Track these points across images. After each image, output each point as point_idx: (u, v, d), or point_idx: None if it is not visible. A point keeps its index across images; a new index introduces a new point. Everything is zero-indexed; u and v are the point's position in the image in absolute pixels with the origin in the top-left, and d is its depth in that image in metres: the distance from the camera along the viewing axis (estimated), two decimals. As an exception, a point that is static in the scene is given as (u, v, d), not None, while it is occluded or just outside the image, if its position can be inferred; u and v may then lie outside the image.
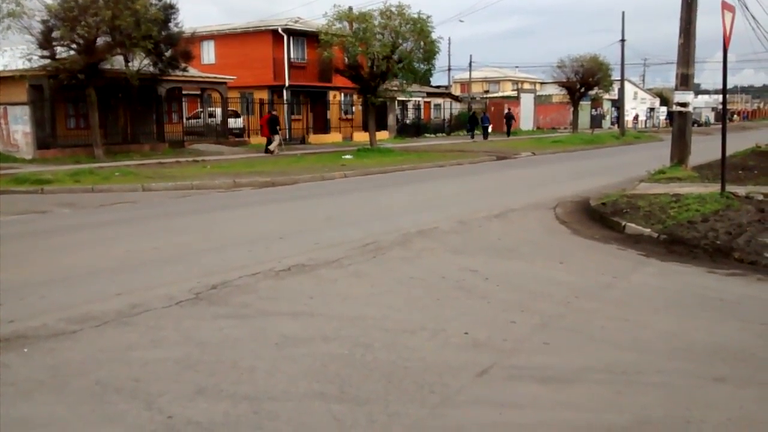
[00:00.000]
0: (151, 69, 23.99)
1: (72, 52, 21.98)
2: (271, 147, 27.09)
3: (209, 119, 32.78)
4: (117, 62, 23.24)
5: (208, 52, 36.24)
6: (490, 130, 41.83)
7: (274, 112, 29.71)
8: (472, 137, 41.23)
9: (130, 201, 13.30)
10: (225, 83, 31.44)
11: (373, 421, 3.63)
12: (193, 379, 4.19)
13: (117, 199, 13.57)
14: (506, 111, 47.49)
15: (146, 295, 6.03)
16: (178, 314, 5.53)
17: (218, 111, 32.58)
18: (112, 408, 3.78)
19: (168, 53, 24.05)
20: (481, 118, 41.96)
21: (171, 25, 23.94)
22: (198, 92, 32.46)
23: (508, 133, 44.73)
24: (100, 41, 22.10)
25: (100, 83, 22.84)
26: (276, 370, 4.33)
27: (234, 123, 33.78)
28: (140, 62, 23.50)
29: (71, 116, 25.89)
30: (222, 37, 35.99)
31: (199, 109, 33.71)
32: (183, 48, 24.79)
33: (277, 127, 27.89)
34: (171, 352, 4.64)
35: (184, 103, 31.84)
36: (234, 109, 34.49)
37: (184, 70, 25.92)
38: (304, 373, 4.28)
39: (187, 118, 32.81)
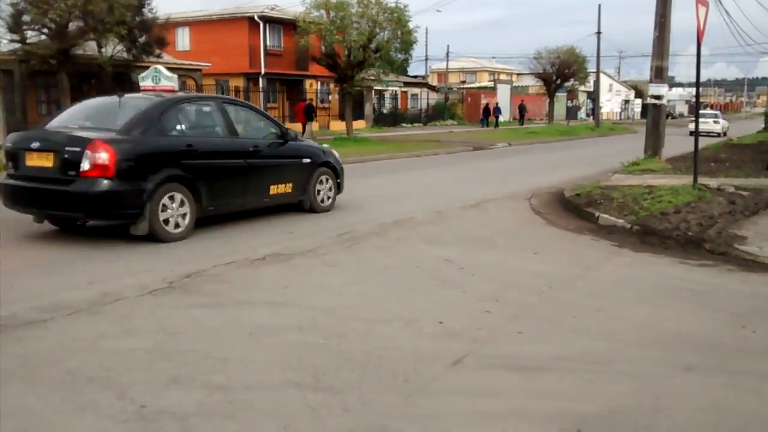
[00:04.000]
0: (125, 55, 23.63)
1: (43, 37, 21.59)
2: (308, 134, 27.41)
3: (184, 106, 32.40)
4: (90, 48, 22.86)
5: (183, 39, 35.86)
6: (501, 119, 46.27)
7: (309, 100, 30.55)
8: (485, 126, 45.41)
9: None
10: (200, 70, 31.11)
11: (347, 410, 3.63)
12: (166, 368, 4.15)
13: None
14: (520, 102, 51.29)
15: (118, 283, 5.97)
16: (150, 303, 5.48)
17: (193, 98, 32.25)
18: (84, 397, 3.74)
19: (142, 39, 23.72)
20: (494, 109, 46.13)
21: (145, 10, 23.62)
22: (173, 79, 32.07)
23: (522, 122, 48.48)
24: (72, 26, 21.72)
25: (72, 69, 22.46)
26: (250, 359, 4.31)
27: (208, 111, 33.45)
28: (113, 48, 23.14)
29: (42, 102, 25.47)
30: (197, 24, 35.62)
31: (174, 97, 33.32)
32: (157, 34, 24.48)
33: (313, 114, 28.92)
34: (144, 342, 4.60)
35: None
36: (209, 96, 34.18)
37: (159, 56, 25.56)
38: (279, 362, 4.26)
39: (162, 105, 32.38)
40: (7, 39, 21.39)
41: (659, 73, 17.22)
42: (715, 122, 40.77)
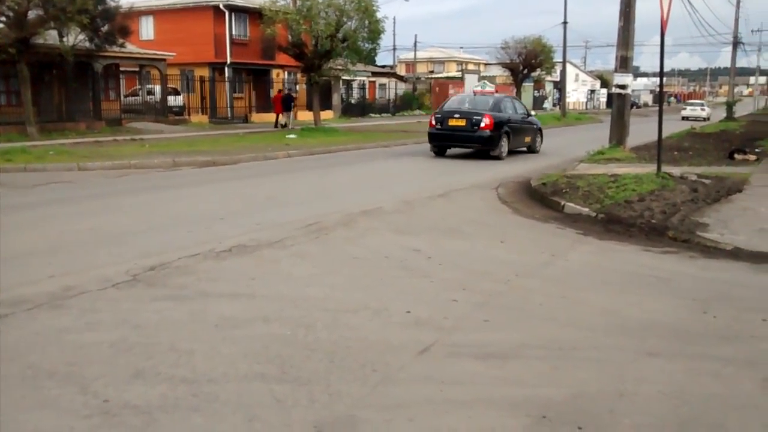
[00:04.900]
0: (87, 44, 23.13)
1: (1, 26, 21.04)
2: (283, 122, 29.36)
3: (148, 97, 31.93)
4: (50, 37, 22.33)
5: (147, 28, 35.26)
6: None
7: (288, 91, 31.73)
8: None
9: (65, 181, 12.88)
10: (164, 60, 30.65)
11: (314, 401, 3.62)
12: (130, 362, 4.10)
13: (51, 178, 13.13)
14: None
15: (81, 277, 5.86)
16: (114, 296, 5.39)
17: (157, 88, 31.76)
18: (45, 393, 3.67)
19: (104, 28, 23.22)
20: None
21: (107, -1, 23.15)
22: (136, 69, 31.60)
23: None
24: (31, 14, 21.15)
25: (33, 59, 21.90)
26: (215, 352, 4.27)
27: (174, 101, 32.97)
28: (75, 37, 22.63)
29: (2, 93, 24.88)
30: (161, 13, 35.02)
31: (138, 87, 32.80)
32: (120, 23, 24.00)
33: (291, 104, 30.11)
34: (107, 335, 4.53)
35: (121, 80, 30.95)
36: (174, 86, 33.70)
37: (122, 46, 25.09)
38: (245, 354, 4.23)
39: (125, 96, 31.89)
40: (-37, 28, 20.81)
41: (624, 63, 17.43)
42: (702, 109, 51.48)
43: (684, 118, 49.26)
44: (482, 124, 17.51)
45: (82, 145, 19.84)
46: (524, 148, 19.90)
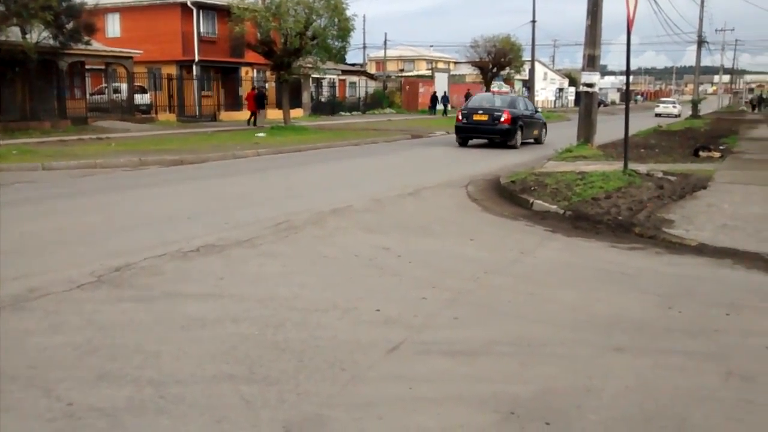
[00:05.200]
0: (51, 42, 22.77)
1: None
2: (261, 122, 28.95)
3: (114, 95, 31.50)
4: (13, 34, 21.92)
5: (113, 25, 34.75)
6: (449, 108, 47.30)
7: (261, 88, 31.89)
8: (434, 114, 47.05)
9: (29, 180, 12.65)
10: (131, 58, 30.26)
11: (283, 401, 3.60)
12: (95, 364, 4.03)
13: (15, 178, 12.88)
14: (467, 92, 52.46)
15: (45, 278, 5.75)
16: (79, 298, 5.30)
17: (124, 87, 31.34)
18: (7, 397, 3.59)
19: (69, 25, 22.89)
20: (442, 98, 48.56)
21: (73, -4, 22.79)
22: (102, 67, 31.14)
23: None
24: (-8, 11, 20.80)
25: (-5, 56, 21.52)
26: (182, 353, 4.22)
27: (141, 99, 32.57)
28: (39, 34, 22.24)
29: (-36, 90, 24.36)
30: (128, 10, 34.54)
31: (104, 85, 32.33)
32: (86, 20, 23.66)
33: (264, 102, 30.12)
34: (71, 337, 4.45)
35: (87, 78, 30.48)
36: (141, 84, 33.27)
37: (87, 43, 24.71)
38: (212, 355, 4.19)
39: (91, 94, 31.41)
40: None
41: (591, 62, 17.62)
42: (673, 107, 56.24)
43: (657, 115, 52.65)
44: (502, 119, 21.19)
45: (46, 145, 19.50)
46: (532, 140, 23.14)
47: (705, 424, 3.48)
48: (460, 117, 22.22)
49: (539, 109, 27.84)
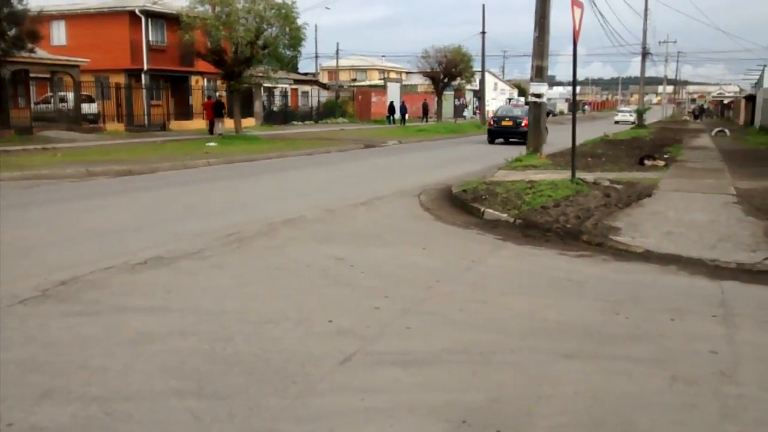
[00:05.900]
0: (-7, 49, 22.15)
1: None
2: (218, 130, 28.60)
3: (61, 104, 30.73)
4: (-48, 41, 21.29)
5: (59, 33, 33.94)
6: (407, 117, 48.09)
7: (219, 97, 31.62)
8: (392, 123, 46.87)
9: (-31, 192, 12.24)
10: (78, 66, 29.59)
11: (233, 416, 3.55)
12: (38, 381, 3.91)
13: (-46, 190, 12.45)
14: (423, 101, 54.30)
15: (-15, 294, 5.57)
16: (22, 313, 5.14)
17: (70, 96, 30.58)
18: (-57, 419, 3.46)
19: (12, 32, 22.27)
20: (399, 108, 48.48)
21: (14, 2, 22.18)
22: (48, 75, 30.34)
23: (426, 119, 50.95)
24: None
25: (-67, 64, 20.82)
26: (130, 368, 4.13)
27: (88, 108, 31.83)
28: (-21, 42, 21.63)
29: None
30: (74, 18, 33.80)
31: (49, 94, 31.53)
32: (29, 27, 23.05)
33: (223, 111, 29.59)
34: (13, 354, 4.31)
35: (32, 86, 29.72)
36: (88, 93, 32.54)
37: (32, 51, 24.07)
38: (161, 370, 4.11)
39: (36, 103, 30.61)
40: None
41: (539, 73, 17.92)
42: (630, 115, 60.33)
43: (616, 122, 58.16)
44: (523, 124, 27.07)
45: (-12, 155, 18.91)
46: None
47: (651, 429, 3.55)
48: (492, 123, 30.46)
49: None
